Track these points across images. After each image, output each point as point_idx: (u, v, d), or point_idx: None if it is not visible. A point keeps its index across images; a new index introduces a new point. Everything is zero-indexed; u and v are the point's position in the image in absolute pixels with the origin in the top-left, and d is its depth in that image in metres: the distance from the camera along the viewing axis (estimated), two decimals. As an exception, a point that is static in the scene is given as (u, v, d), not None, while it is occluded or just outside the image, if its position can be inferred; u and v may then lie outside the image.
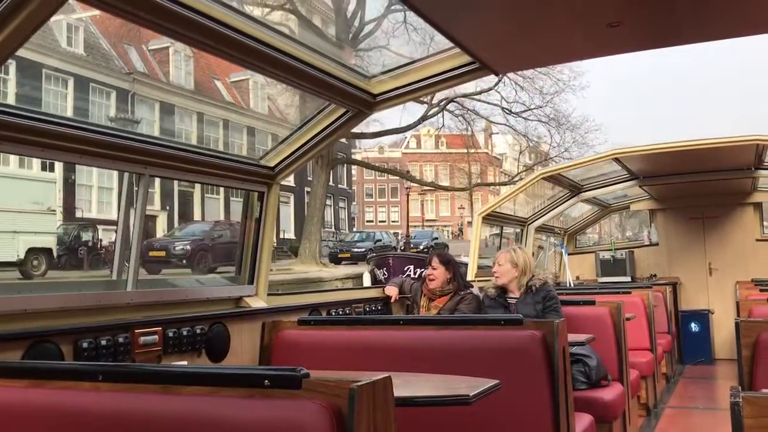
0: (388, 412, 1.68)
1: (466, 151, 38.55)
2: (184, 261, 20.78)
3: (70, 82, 26.97)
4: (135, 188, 3.23)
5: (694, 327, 8.80)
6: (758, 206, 9.20)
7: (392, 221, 56.91)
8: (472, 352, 3.06)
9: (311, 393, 1.62)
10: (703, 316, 8.84)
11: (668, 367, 7.47)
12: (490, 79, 27.15)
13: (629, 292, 6.32)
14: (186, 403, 1.74)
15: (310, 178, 35.68)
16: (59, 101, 26.27)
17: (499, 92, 29.20)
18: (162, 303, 3.29)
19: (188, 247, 21.10)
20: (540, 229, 8.79)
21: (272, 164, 3.88)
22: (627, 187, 8.62)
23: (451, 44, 3.27)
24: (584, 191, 8.50)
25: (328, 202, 37.59)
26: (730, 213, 9.14)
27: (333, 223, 41.10)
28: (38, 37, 22.72)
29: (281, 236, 30.32)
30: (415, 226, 52.09)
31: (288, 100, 32.24)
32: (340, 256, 31.88)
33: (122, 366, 2.41)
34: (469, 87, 27.50)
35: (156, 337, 3.01)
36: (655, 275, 9.35)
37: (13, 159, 19.24)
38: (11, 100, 23.66)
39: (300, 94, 26.74)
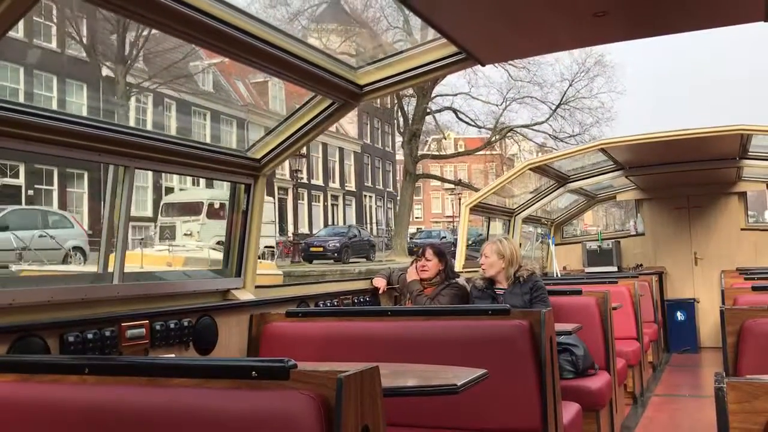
0: (375, 402, 1.69)
1: (483, 153, 42.15)
2: (336, 254, 28.21)
3: (208, 116, 33.52)
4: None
5: (679, 316, 8.87)
6: (743, 196, 9.27)
7: (416, 217, 59.27)
8: (459, 342, 3.07)
9: (299, 384, 1.63)
10: (688, 305, 8.92)
11: (654, 356, 7.54)
12: (544, 114, 35.68)
13: (616, 282, 6.36)
14: (173, 395, 1.73)
15: (367, 184, 45.76)
16: (201, 131, 32.81)
17: (549, 124, 36.44)
18: (149, 296, 3.28)
19: (338, 244, 28.77)
20: (527, 220, 8.82)
21: (259, 156, 3.86)
22: (613, 177, 8.66)
23: (438, 35, 3.26)
24: (571, 182, 8.53)
25: (379, 203, 47.55)
26: (715, 203, 9.21)
27: (384, 221, 47.54)
28: (187, 81, 30.66)
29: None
30: (436, 222, 54.39)
31: (352, 116, 42.69)
32: (414, 249, 35.13)
33: (109, 359, 2.40)
34: (525, 119, 36.04)
35: (143, 330, 3.00)
36: (641, 265, 9.41)
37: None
38: (173, 131, 30.04)
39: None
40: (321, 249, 28.16)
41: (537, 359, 2.97)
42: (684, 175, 8.31)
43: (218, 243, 20.67)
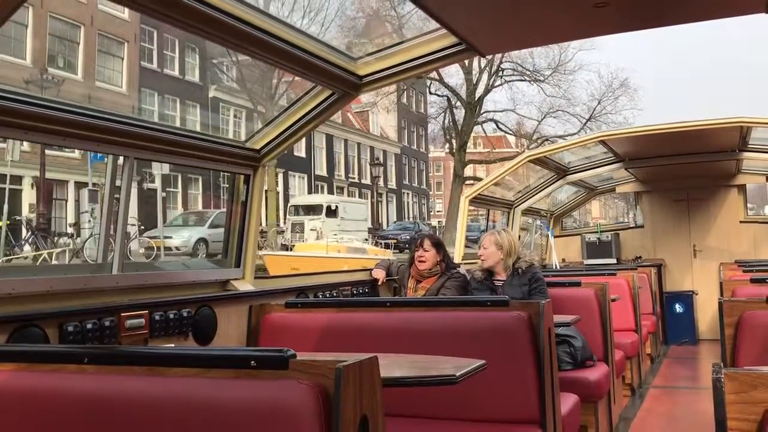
0: (374, 392, 1.69)
1: (491, 149, 46.84)
2: (407, 245, 31.34)
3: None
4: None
5: (678, 308, 8.89)
6: (742, 188, 9.27)
7: (437, 211, 63.59)
8: (458, 333, 3.08)
9: (298, 374, 1.63)
10: (687, 297, 8.93)
11: (653, 348, 7.56)
12: (575, 126, 40.42)
13: (614, 274, 6.37)
14: (172, 384, 1.74)
15: (405, 182, 52.54)
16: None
17: (579, 135, 41.05)
18: (148, 286, 3.28)
19: (408, 237, 32.67)
20: (527, 212, 8.82)
21: (258, 147, 3.86)
22: (613, 169, 8.65)
23: (438, 25, 3.25)
24: (570, 174, 8.53)
25: (415, 199, 54.17)
26: (715, 195, 9.21)
27: (419, 216, 53.05)
28: (269, 98, 34.11)
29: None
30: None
31: (392, 122, 50.92)
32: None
33: (108, 348, 2.40)
34: (558, 131, 41.38)
35: (142, 320, 3.00)
36: (640, 257, 9.42)
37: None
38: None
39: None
40: (395, 241, 33.16)
41: (535, 350, 2.97)
42: (683, 168, 8.30)
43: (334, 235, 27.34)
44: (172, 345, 3.12)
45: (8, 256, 19.31)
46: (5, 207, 19.63)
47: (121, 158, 3.16)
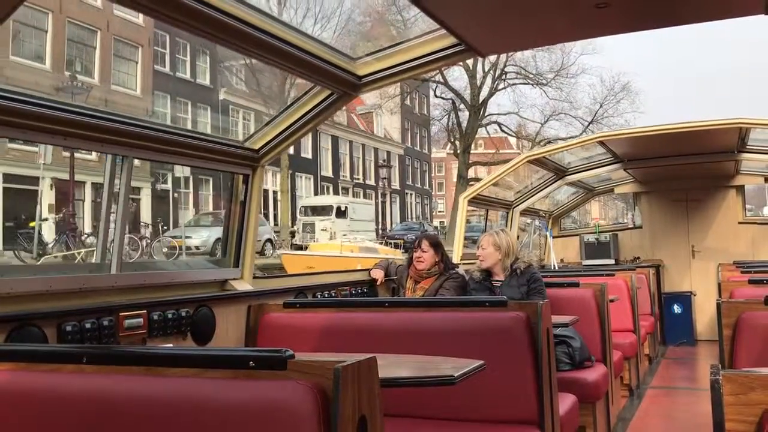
0: (373, 393, 1.69)
1: (495, 151, 47.15)
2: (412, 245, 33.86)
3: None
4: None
5: (676, 309, 8.89)
6: (741, 189, 9.28)
7: (439, 211, 64.61)
8: (457, 333, 3.08)
9: (296, 374, 1.63)
10: (685, 298, 8.94)
11: (651, 349, 7.56)
12: (577, 129, 41.05)
13: (613, 275, 6.38)
14: (171, 384, 1.73)
15: (409, 182, 53.35)
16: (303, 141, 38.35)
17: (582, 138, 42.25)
18: (147, 286, 3.28)
19: (414, 237, 32.64)
20: (525, 212, 8.82)
21: (257, 147, 3.85)
22: (612, 170, 8.66)
23: (437, 26, 3.25)
24: (569, 174, 8.53)
25: (418, 200, 55.15)
26: (713, 196, 9.22)
27: (421, 216, 53.85)
28: (279, 99, 33.94)
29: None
30: (458, 215, 60.07)
31: (396, 124, 51.90)
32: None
33: (106, 348, 2.40)
34: (560, 134, 41.59)
35: (141, 320, 3.00)
36: (638, 258, 9.43)
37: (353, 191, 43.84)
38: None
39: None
40: (402, 241, 33.62)
41: (534, 351, 2.97)
42: (682, 169, 8.31)
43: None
44: (171, 345, 3.11)
45: (41, 255, 19.71)
46: (37, 208, 20.64)
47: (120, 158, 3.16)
